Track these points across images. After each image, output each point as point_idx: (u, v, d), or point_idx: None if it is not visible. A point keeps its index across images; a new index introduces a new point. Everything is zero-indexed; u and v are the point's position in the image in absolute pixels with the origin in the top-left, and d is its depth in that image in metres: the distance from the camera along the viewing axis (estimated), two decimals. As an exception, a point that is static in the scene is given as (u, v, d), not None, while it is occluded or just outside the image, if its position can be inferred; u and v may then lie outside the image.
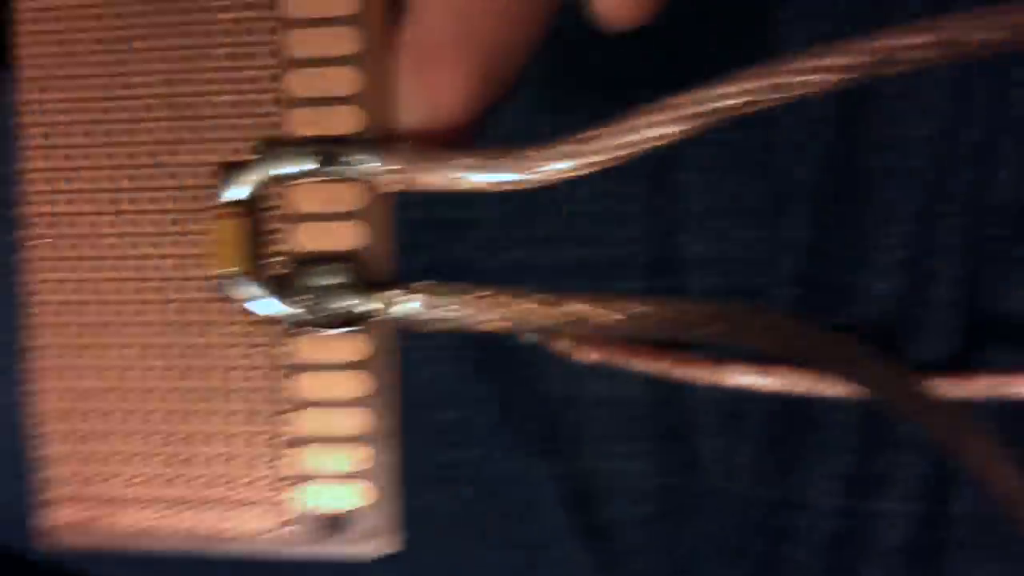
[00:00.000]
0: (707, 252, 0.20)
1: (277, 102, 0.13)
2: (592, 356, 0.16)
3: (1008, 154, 0.19)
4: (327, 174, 0.13)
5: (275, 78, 0.13)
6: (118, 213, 0.13)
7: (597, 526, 0.21)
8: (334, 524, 0.13)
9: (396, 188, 0.12)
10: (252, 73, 0.13)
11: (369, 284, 0.13)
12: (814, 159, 0.20)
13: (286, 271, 0.13)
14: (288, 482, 0.13)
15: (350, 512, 0.13)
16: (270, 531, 0.13)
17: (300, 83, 0.13)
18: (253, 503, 0.13)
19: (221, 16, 0.13)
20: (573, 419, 0.21)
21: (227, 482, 0.13)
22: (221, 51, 0.13)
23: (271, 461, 0.13)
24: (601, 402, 0.21)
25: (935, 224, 0.19)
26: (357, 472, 0.13)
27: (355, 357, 0.13)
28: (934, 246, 0.19)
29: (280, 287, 0.13)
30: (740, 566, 0.21)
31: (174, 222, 0.13)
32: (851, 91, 0.19)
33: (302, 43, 0.13)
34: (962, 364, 0.19)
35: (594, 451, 0.21)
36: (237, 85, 0.13)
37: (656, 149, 0.11)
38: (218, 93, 0.13)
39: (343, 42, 0.13)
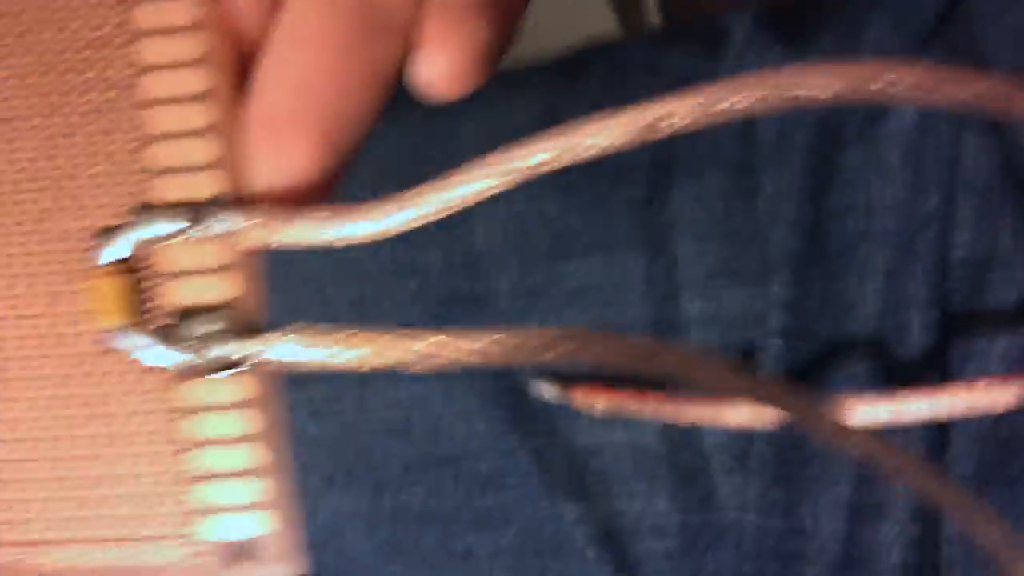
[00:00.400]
0: (705, 311, 0.22)
1: (144, 171, 0.14)
2: (606, 406, 0.17)
3: (966, 215, 0.20)
4: (196, 233, 0.13)
5: (139, 150, 0.14)
6: (13, 276, 0.14)
7: (625, 562, 0.23)
8: (241, 551, 0.14)
9: (259, 242, 0.13)
10: (119, 146, 0.14)
11: (245, 330, 0.13)
12: (791, 226, 0.22)
13: (170, 322, 0.14)
14: (195, 515, 0.14)
15: (255, 539, 0.14)
16: (183, 562, 0.14)
17: (162, 155, 0.14)
18: (164, 537, 0.14)
19: (85, 99, 0.14)
20: (598, 466, 0.23)
21: (139, 519, 0.14)
22: (90, 128, 0.14)
23: (178, 497, 0.14)
24: (622, 449, 0.22)
25: (905, 279, 0.21)
26: (257, 502, 0.14)
27: (240, 397, 0.14)
28: (904, 299, 0.21)
29: (166, 337, 0.13)
30: None
31: (66, 281, 0.14)
32: (818, 162, 0.22)
33: (160, 119, 0.14)
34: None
35: (619, 493, 0.22)
36: (108, 157, 0.14)
37: (476, 201, 0.13)
38: (91, 164, 0.14)
39: (197, 117, 0.13)
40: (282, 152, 0.13)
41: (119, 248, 0.14)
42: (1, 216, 0.14)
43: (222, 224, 0.13)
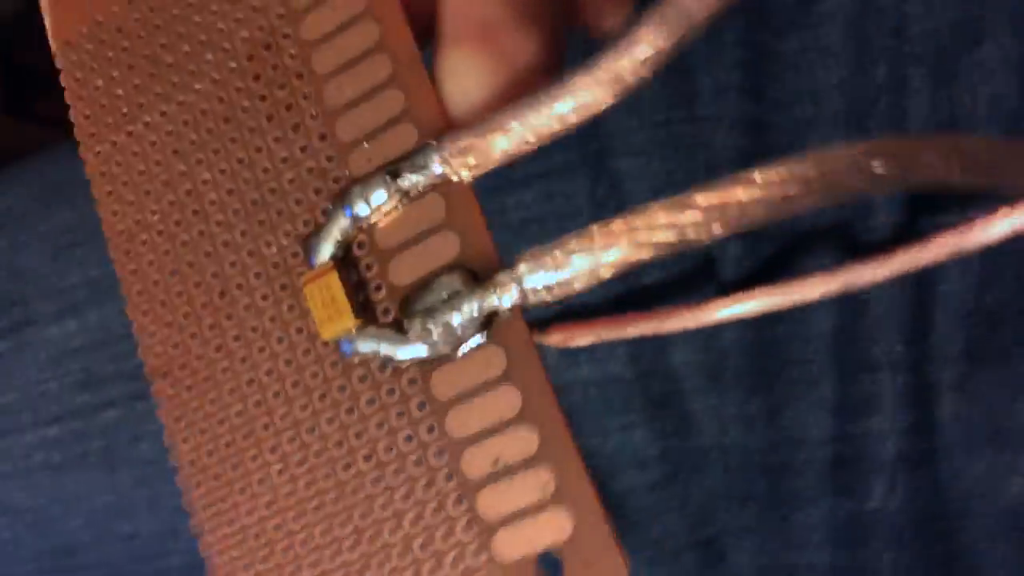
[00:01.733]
0: None
1: (331, 159, 0.13)
2: (585, 339, 0.16)
3: (918, 86, 0.19)
4: (403, 193, 0.12)
5: (323, 137, 0.13)
6: (229, 317, 0.13)
7: (608, 500, 0.22)
8: (549, 564, 0.12)
9: (470, 172, 0.12)
10: (308, 138, 0.13)
11: (485, 280, 0.12)
12: (733, 124, 0.21)
13: (398, 311, 0.12)
14: (486, 535, 0.12)
15: (558, 547, 0.11)
16: None
17: (351, 126, 0.13)
18: (466, 573, 0.12)
19: (264, 104, 0.13)
20: (567, 404, 0.22)
21: (433, 557, 0.12)
22: (277, 130, 0.13)
23: (465, 519, 0.12)
24: (589, 386, 0.22)
25: None
26: (546, 500, 0.11)
27: (493, 375, 0.12)
28: None
29: (395, 330, 0.12)
30: (751, 508, 0.21)
31: (290, 298, 0.13)
32: (754, 54, 0.21)
33: (339, 90, 0.13)
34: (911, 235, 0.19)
35: (593, 429, 0.22)
36: (300, 152, 0.13)
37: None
38: (287, 167, 0.13)
39: (374, 72, 0.13)
40: (511, 42, 0.12)
41: (332, 242, 0.13)
42: (196, 257, 0.14)
43: (427, 171, 0.12)
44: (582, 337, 0.15)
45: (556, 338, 0.16)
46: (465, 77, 0.13)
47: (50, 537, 0.25)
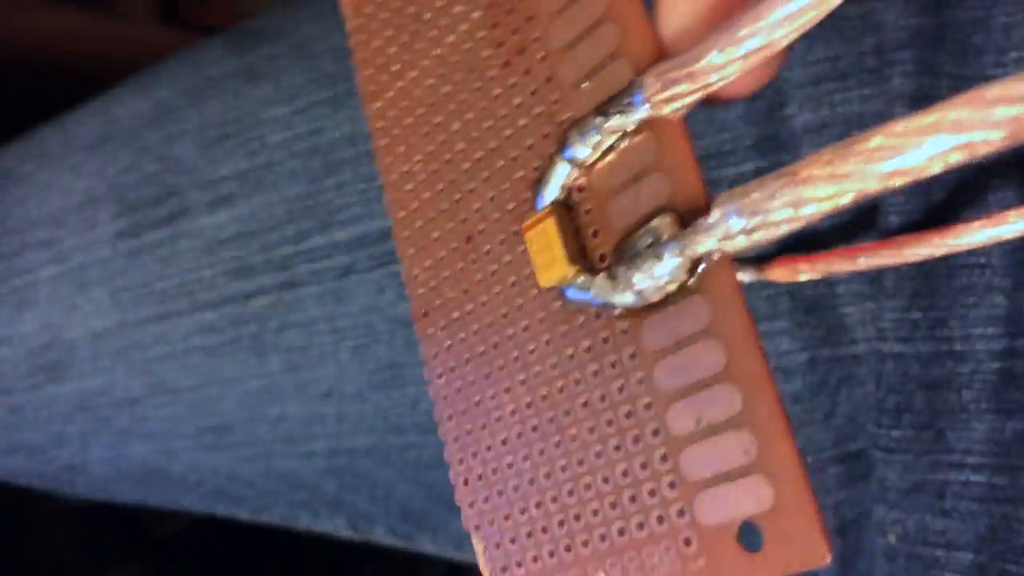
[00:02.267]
0: (814, 120, 0.20)
1: (557, 101, 0.13)
2: (812, 273, 0.15)
3: None
4: (614, 136, 0.12)
5: (549, 79, 0.13)
6: (474, 261, 0.14)
7: None
8: (750, 540, 0.11)
9: (677, 108, 0.11)
10: (532, 88, 0.13)
11: (696, 220, 0.11)
12: (907, 5, 0.18)
13: (612, 258, 0.12)
14: (687, 497, 0.11)
15: (757, 517, 0.11)
16: (689, 564, 0.11)
17: (569, 68, 0.13)
18: (667, 534, 0.12)
19: (498, 51, 0.14)
20: None
21: (632, 516, 0.12)
22: (507, 84, 0.14)
23: (668, 477, 0.12)
24: None
25: None
26: (749, 465, 0.11)
27: (699, 327, 0.11)
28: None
29: (609, 276, 0.12)
30: (905, 422, 0.20)
31: (522, 253, 0.13)
32: None
33: (558, 32, 0.13)
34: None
35: None
36: (526, 106, 0.13)
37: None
38: (514, 121, 0.14)
39: (594, 4, 0.13)
40: None
41: (554, 187, 0.13)
42: (460, 191, 0.14)
43: (634, 109, 0.12)
44: (808, 271, 0.14)
45: (779, 272, 0.15)
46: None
47: (206, 416, 0.27)
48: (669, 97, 0.11)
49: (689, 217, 0.11)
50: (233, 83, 0.27)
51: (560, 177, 0.13)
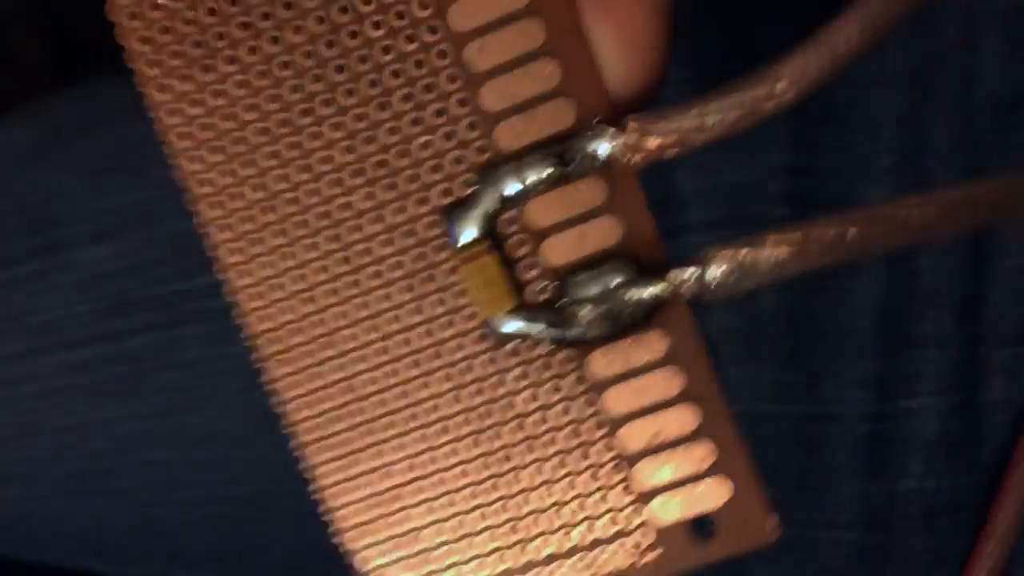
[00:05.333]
0: (702, 186, 0.20)
1: (473, 126, 0.12)
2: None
3: (989, 46, 0.18)
4: (560, 175, 0.12)
5: (463, 102, 0.12)
6: (356, 297, 0.12)
7: None
8: (702, 529, 0.12)
9: (638, 160, 0.12)
10: (437, 106, 0.12)
11: (649, 270, 0.12)
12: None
13: (551, 293, 0.12)
14: (641, 502, 0.12)
15: (714, 512, 0.12)
16: (644, 556, 0.12)
17: (496, 96, 0.12)
18: (619, 535, 0.12)
19: (387, 57, 0.12)
20: None
21: (587, 521, 0.13)
22: (397, 96, 0.12)
23: (622, 486, 0.12)
24: None
25: (923, 124, 0.19)
26: (704, 470, 0.12)
27: (655, 357, 0.12)
28: (924, 145, 0.19)
29: (551, 311, 0.12)
30: (781, 481, 0.21)
31: (427, 279, 0.12)
32: (814, 8, 0.19)
33: (485, 54, 0.12)
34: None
35: None
36: (425, 125, 0.12)
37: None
38: (407, 141, 0.12)
39: (528, 37, 0.12)
40: (626, 17, 0.11)
41: (474, 223, 0.12)
42: (312, 237, 0.12)
43: (595, 154, 0.11)
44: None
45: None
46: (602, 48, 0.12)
47: (75, 459, 0.26)
48: (632, 151, 0.12)
49: (645, 261, 0.12)
50: (123, 114, 0.26)
51: (489, 207, 0.12)
